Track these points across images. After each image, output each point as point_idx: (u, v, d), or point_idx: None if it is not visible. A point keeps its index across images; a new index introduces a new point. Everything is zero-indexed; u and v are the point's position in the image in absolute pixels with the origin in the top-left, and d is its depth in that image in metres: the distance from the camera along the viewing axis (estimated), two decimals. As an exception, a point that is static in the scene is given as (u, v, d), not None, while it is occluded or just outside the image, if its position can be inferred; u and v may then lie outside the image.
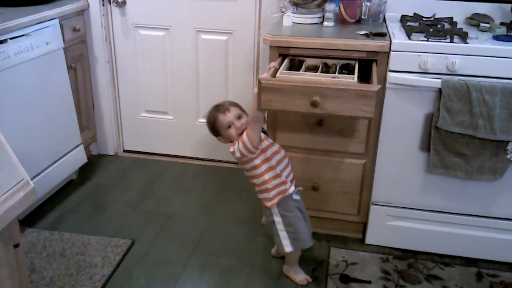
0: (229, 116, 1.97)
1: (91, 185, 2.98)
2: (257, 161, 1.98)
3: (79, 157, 2.96)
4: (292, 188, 2.03)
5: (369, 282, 2.18)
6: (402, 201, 2.30)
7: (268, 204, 2.02)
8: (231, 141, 2.00)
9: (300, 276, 2.19)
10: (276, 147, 2.03)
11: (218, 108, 2.01)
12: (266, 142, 2.01)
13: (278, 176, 2.00)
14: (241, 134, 1.95)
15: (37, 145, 2.58)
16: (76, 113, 2.89)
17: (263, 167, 1.98)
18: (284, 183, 2.01)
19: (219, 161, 3.24)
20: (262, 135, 1.99)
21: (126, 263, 2.29)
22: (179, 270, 2.25)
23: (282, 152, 2.05)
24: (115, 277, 2.19)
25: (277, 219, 2.04)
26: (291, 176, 2.07)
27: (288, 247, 2.05)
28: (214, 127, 2.03)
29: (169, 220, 2.63)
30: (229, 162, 3.17)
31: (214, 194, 2.89)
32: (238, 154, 1.95)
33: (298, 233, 2.04)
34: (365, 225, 2.45)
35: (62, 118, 2.76)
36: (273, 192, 2.01)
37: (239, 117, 1.99)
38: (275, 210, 2.03)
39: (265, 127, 2.09)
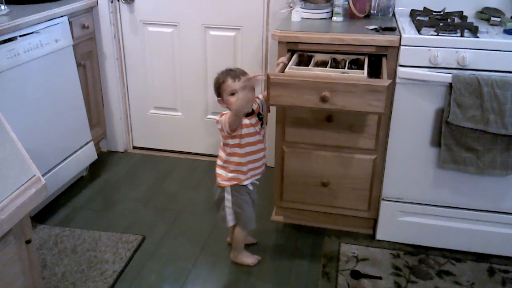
0: (237, 84, 1.99)
1: (102, 182, 2.99)
2: (230, 142, 2.03)
3: (89, 154, 2.98)
4: (248, 181, 2.09)
5: (380, 278, 2.18)
6: (413, 196, 2.29)
7: (221, 182, 2.10)
8: (228, 107, 2.03)
9: (251, 258, 2.26)
10: (255, 138, 2.04)
11: (230, 73, 2.03)
12: (250, 129, 2.02)
13: (242, 164, 2.06)
14: None
15: (48, 142, 2.59)
16: (85, 110, 2.91)
17: (233, 150, 2.05)
18: (243, 173, 2.07)
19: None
20: (253, 120, 2.01)
21: (137, 259, 2.30)
22: (189, 266, 2.26)
23: (258, 145, 2.06)
24: (126, 273, 2.20)
25: (228, 196, 2.11)
26: (257, 171, 2.11)
27: (231, 222, 2.15)
28: (219, 88, 2.04)
29: (179, 216, 2.63)
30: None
31: (223, 190, 2.89)
32: (219, 126, 2.01)
33: (243, 214, 2.13)
34: (375, 221, 2.44)
35: (72, 115, 2.78)
36: (230, 175, 2.08)
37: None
38: (227, 188, 2.09)
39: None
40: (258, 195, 2.22)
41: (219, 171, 2.12)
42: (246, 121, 2.00)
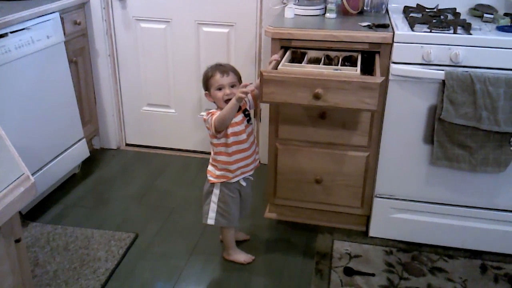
0: (225, 80, 1.99)
1: (94, 179, 2.98)
2: (215, 141, 2.04)
3: (81, 151, 2.96)
4: (236, 179, 2.08)
5: (373, 274, 2.18)
6: (406, 193, 2.29)
7: (211, 179, 2.09)
8: (214, 102, 2.04)
9: (243, 256, 2.26)
10: (241, 136, 2.02)
11: (219, 68, 2.03)
12: (236, 128, 2.00)
13: (229, 163, 2.05)
14: (227, 101, 1.96)
15: (39, 140, 2.58)
16: (78, 107, 2.89)
17: (219, 149, 2.04)
18: (231, 171, 2.06)
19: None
20: (239, 118, 1.99)
21: (129, 256, 2.29)
22: (182, 264, 2.25)
23: (246, 143, 2.04)
24: (119, 271, 2.20)
25: (216, 191, 2.10)
26: (248, 168, 2.10)
27: (211, 220, 2.12)
28: (207, 81, 2.04)
29: (172, 214, 2.63)
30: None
31: (216, 188, 2.89)
32: (207, 124, 2.00)
33: (228, 212, 2.11)
34: (368, 218, 2.45)
35: (63, 112, 2.76)
36: (219, 173, 2.07)
37: (232, 86, 2.01)
38: (217, 184, 2.09)
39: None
40: (252, 191, 2.21)
41: (209, 167, 2.12)
42: (240, 126, 2.01)
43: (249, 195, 2.21)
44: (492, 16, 2.24)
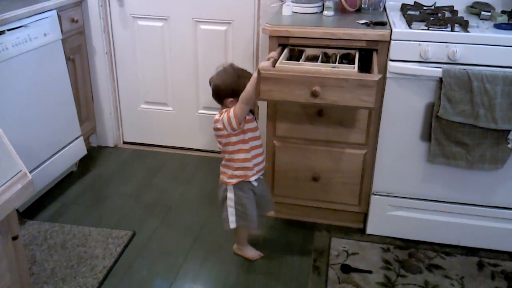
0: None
1: (91, 177, 2.97)
2: (234, 139, 2.01)
3: (79, 149, 2.96)
4: (254, 177, 2.07)
5: (370, 272, 2.18)
6: (403, 191, 2.29)
7: (227, 180, 2.07)
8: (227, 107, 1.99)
9: (252, 252, 2.26)
10: (256, 133, 2.05)
11: (241, 74, 1.98)
12: (251, 124, 2.01)
13: (247, 160, 2.03)
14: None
15: (37, 137, 2.57)
16: (75, 104, 2.89)
17: (237, 147, 2.02)
18: (249, 169, 2.05)
19: (219, 152, 3.21)
20: (250, 115, 2.01)
21: (127, 254, 2.29)
22: (180, 261, 2.25)
23: (260, 140, 2.07)
24: (116, 269, 2.19)
25: (230, 195, 2.08)
26: (261, 166, 2.10)
27: (233, 224, 2.10)
28: (237, 87, 1.94)
29: (169, 212, 2.63)
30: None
31: (214, 186, 2.85)
32: (219, 125, 1.97)
33: (246, 213, 2.09)
34: (365, 215, 2.45)
35: (61, 110, 2.76)
36: (236, 173, 2.05)
37: None
38: (230, 187, 2.07)
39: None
40: (266, 186, 2.22)
41: (223, 170, 2.10)
42: (250, 115, 2.01)
43: (265, 190, 2.19)
44: (489, 13, 2.24)
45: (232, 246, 2.33)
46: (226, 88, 1.97)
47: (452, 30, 2.03)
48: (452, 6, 2.39)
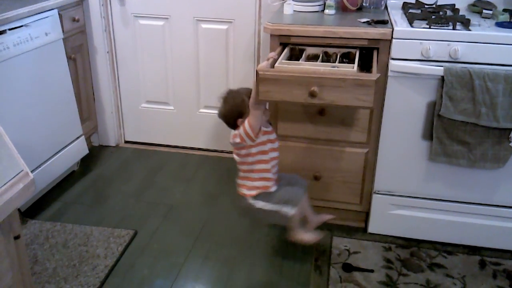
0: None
1: (93, 176, 2.97)
2: (253, 150, 2.00)
3: (80, 148, 2.96)
4: (274, 188, 2.05)
5: (372, 271, 2.18)
6: (405, 190, 2.29)
7: (246, 192, 2.05)
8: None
9: (308, 235, 2.15)
10: (275, 144, 2.05)
11: (239, 95, 2.00)
12: (270, 136, 2.03)
13: (267, 171, 2.03)
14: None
15: (38, 137, 2.57)
16: (76, 104, 2.89)
17: (257, 157, 2.01)
18: (270, 180, 2.04)
19: (221, 151, 3.23)
20: (269, 128, 2.02)
21: (129, 253, 2.29)
22: (181, 260, 2.26)
23: (278, 152, 2.07)
24: (118, 268, 2.20)
25: (260, 203, 2.04)
26: (276, 175, 2.09)
27: (290, 211, 2.02)
28: (244, 108, 1.96)
29: (171, 211, 2.63)
30: (231, 152, 3.15)
31: (215, 184, 2.89)
32: (238, 139, 1.96)
33: (286, 197, 2.04)
34: (367, 214, 2.45)
35: (62, 109, 2.76)
36: (256, 184, 2.04)
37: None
38: (251, 198, 2.05)
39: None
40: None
41: (242, 182, 2.08)
42: (267, 128, 2.01)
43: (284, 177, 2.15)
44: (491, 12, 2.24)
45: (233, 245, 2.33)
46: (232, 114, 2.01)
47: (453, 29, 2.03)
48: (454, 5, 2.38)
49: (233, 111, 2.00)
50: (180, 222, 2.53)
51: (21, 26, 2.39)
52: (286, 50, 2.13)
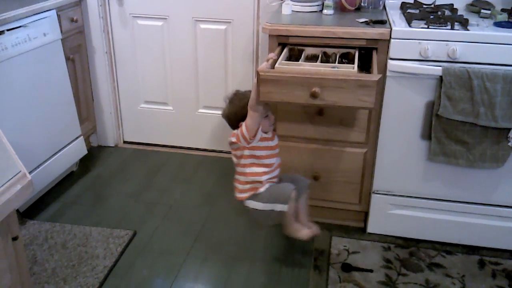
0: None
1: (92, 177, 2.97)
2: (246, 152, 2.01)
3: (79, 149, 2.95)
4: (262, 189, 2.04)
5: (371, 270, 2.18)
6: (404, 189, 2.29)
7: (238, 195, 2.08)
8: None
9: (303, 231, 2.13)
10: (275, 151, 2.06)
11: (245, 98, 2.00)
12: (270, 142, 2.03)
13: (259, 175, 2.03)
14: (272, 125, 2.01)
15: (37, 137, 2.57)
16: (75, 104, 2.88)
17: (249, 161, 2.02)
18: (260, 182, 2.04)
19: (220, 151, 3.22)
20: (268, 135, 2.02)
21: (128, 254, 2.29)
22: (181, 260, 2.25)
23: (278, 158, 2.08)
24: (117, 268, 2.19)
25: (254, 204, 2.06)
26: (275, 179, 2.09)
27: (284, 208, 2.02)
28: (238, 114, 2.00)
29: (170, 211, 2.63)
30: (230, 152, 3.15)
31: (214, 185, 2.89)
32: (234, 139, 1.98)
33: (275, 194, 2.03)
34: (366, 214, 2.45)
35: (61, 110, 2.75)
36: (246, 187, 2.06)
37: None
38: (245, 200, 2.07)
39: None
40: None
41: (234, 183, 2.11)
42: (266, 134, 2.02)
43: (284, 176, 2.15)
44: (489, 11, 2.24)
45: (232, 245, 2.33)
46: (236, 116, 2.02)
47: (452, 29, 2.03)
48: (452, 4, 2.38)
49: (237, 113, 2.02)
50: (179, 222, 2.53)
51: (20, 26, 2.39)
52: (285, 51, 2.13)
